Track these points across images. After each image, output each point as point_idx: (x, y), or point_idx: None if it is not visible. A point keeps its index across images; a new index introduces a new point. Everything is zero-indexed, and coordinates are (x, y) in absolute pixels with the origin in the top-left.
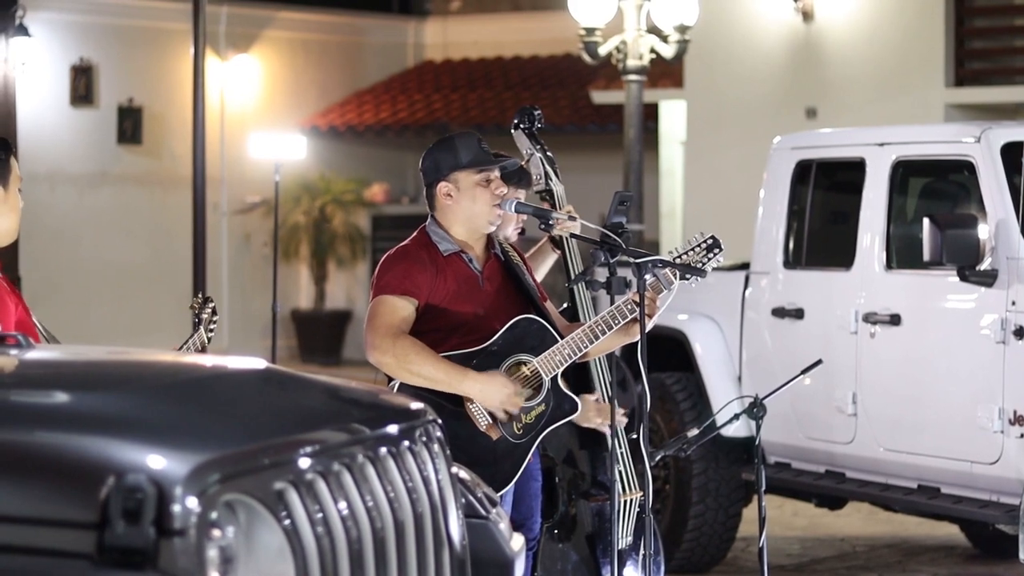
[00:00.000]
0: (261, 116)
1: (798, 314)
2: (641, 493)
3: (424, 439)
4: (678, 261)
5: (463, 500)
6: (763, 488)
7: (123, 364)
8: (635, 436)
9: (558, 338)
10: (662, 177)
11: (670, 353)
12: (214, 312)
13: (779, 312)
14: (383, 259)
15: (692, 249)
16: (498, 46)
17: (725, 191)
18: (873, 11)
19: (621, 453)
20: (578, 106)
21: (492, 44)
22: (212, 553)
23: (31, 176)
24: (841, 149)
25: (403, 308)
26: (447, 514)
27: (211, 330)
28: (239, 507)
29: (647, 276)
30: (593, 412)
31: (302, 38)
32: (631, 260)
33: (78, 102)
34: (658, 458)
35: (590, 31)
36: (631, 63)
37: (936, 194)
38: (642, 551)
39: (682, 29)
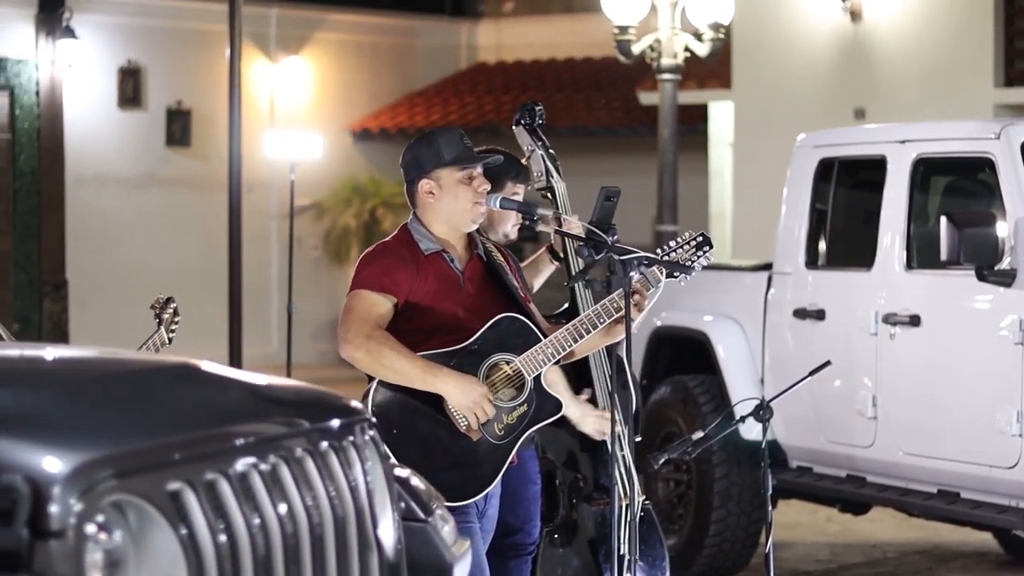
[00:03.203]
0: (311, 118)
1: (819, 315)
2: (644, 497)
3: (352, 439)
4: (666, 259)
5: (401, 503)
6: (769, 492)
7: (25, 360)
8: (639, 439)
9: (541, 337)
10: (711, 179)
11: (694, 355)
12: (175, 313)
13: (800, 313)
14: (363, 255)
15: (681, 247)
16: (551, 48)
17: (773, 192)
18: (922, 11)
19: (623, 456)
20: (629, 108)
21: (545, 46)
22: (96, 556)
23: (78, 178)
24: (863, 147)
25: (380, 304)
26: (376, 517)
27: (172, 331)
28: (129, 509)
29: (633, 274)
30: (592, 418)
31: (353, 40)
32: (615, 257)
33: (126, 104)
34: (662, 461)
35: (623, 29)
36: (665, 62)
37: (957, 192)
38: (627, 556)
39: (716, 27)
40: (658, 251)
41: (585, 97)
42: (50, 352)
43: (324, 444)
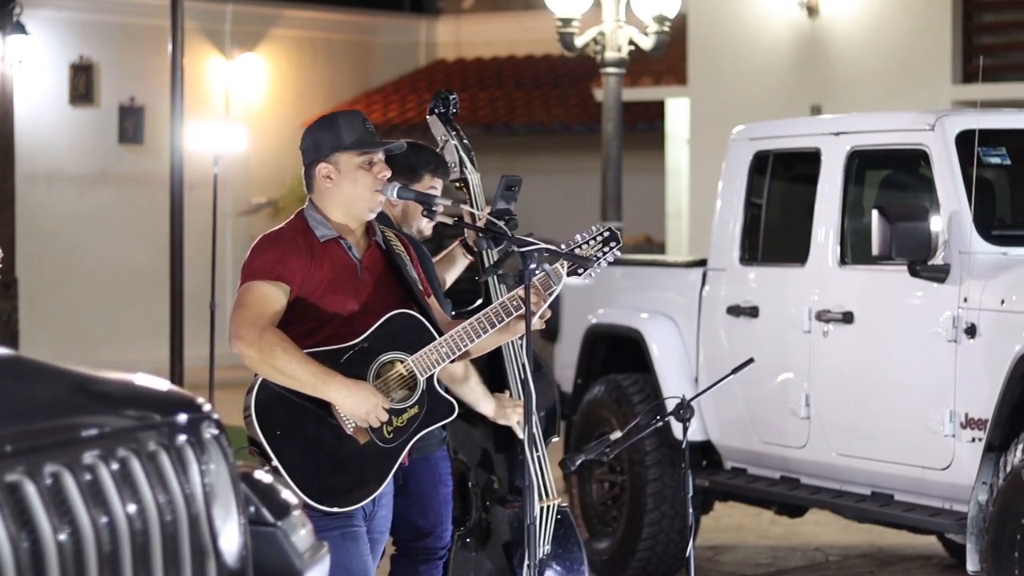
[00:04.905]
0: (267, 116)
1: (753, 312)
2: (560, 499)
3: (190, 437)
4: (570, 252)
5: (250, 507)
6: (690, 494)
7: None
8: (556, 439)
9: (435, 335)
10: (668, 177)
11: (629, 353)
12: None
13: (734, 310)
14: (255, 243)
15: (587, 242)
16: (510, 45)
17: None
18: (879, 6)
19: (538, 456)
20: (587, 105)
21: (505, 43)
22: None
23: (29, 176)
24: (797, 139)
25: (274, 297)
26: (215, 522)
27: None
28: None
29: (534, 266)
30: (511, 409)
31: (310, 36)
32: (515, 249)
33: (78, 101)
34: (579, 462)
35: (566, 22)
36: (609, 55)
37: (893, 186)
38: (527, 560)
39: (661, 20)
40: (562, 246)
41: (543, 94)
42: None
43: (153, 444)
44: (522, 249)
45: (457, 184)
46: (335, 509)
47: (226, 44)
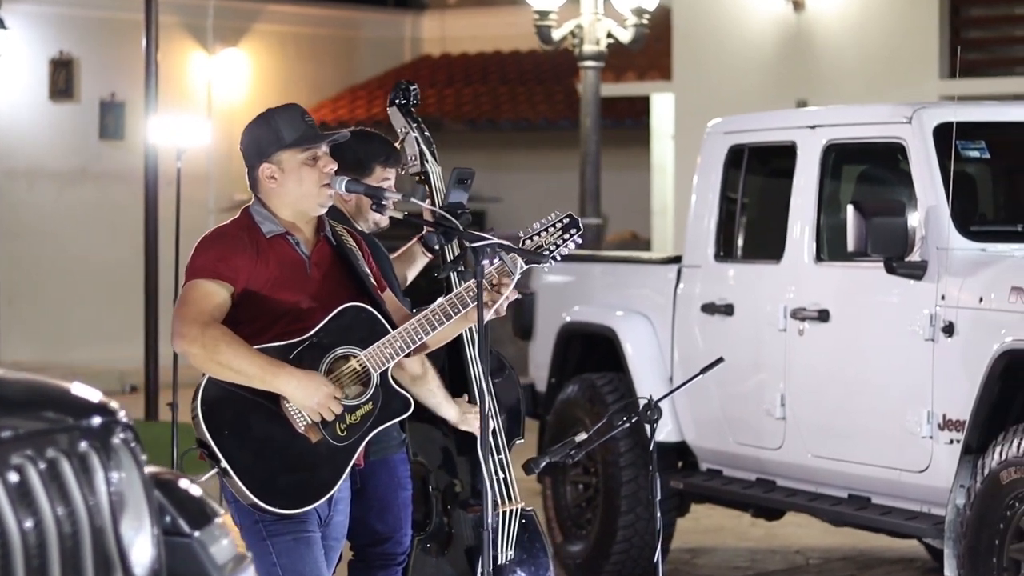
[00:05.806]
0: (250, 112)
1: (728, 310)
2: (523, 503)
3: (96, 443)
4: (528, 243)
5: (166, 516)
6: (657, 497)
7: None
8: (520, 440)
9: (389, 329)
10: (654, 173)
11: (604, 352)
12: None
13: (709, 308)
14: (199, 241)
15: (546, 229)
16: (496, 40)
17: None
18: (865, 0)
19: (501, 459)
20: (571, 101)
21: (490, 38)
22: None
23: (9, 173)
24: (773, 133)
25: (216, 294)
26: (123, 533)
27: None
28: None
29: (486, 261)
30: (473, 415)
31: (293, 32)
32: (468, 244)
33: (58, 96)
34: (543, 464)
35: (543, 15)
36: (588, 48)
37: (871, 180)
38: (481, 568)
39: (640, 13)
40: (520, 234)
41: (528, 90)
42: None
43: (53, 451)
44: (473, 244)
45: (418, 178)
46: (287, 511)
47: (208, 39)
